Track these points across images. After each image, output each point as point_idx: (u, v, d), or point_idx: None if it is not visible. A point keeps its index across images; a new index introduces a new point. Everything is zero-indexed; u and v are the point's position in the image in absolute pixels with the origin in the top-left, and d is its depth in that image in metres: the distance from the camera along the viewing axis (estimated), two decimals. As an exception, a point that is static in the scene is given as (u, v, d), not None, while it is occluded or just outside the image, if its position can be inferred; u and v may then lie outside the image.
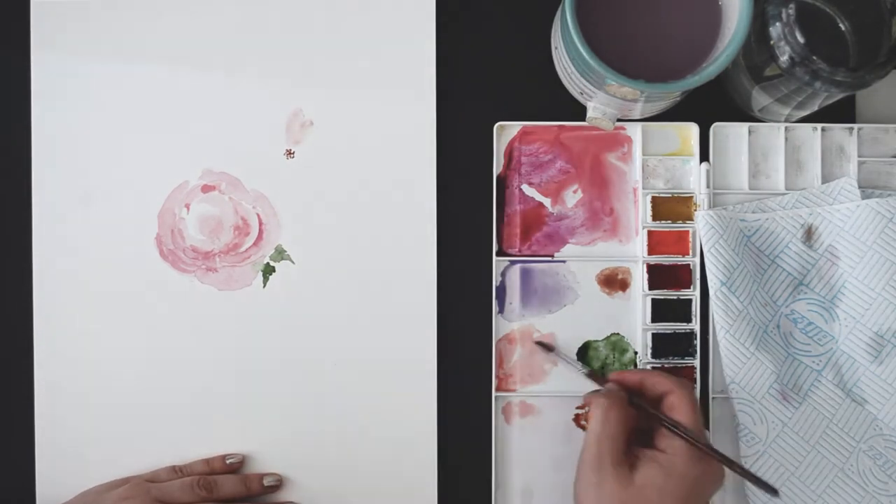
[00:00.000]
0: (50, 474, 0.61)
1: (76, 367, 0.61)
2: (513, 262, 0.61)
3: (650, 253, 0.61)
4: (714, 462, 0.53)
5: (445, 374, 0.61)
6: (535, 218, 0.61)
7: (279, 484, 0.60)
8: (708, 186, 0.60)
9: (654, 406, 0.54)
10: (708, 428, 0.60)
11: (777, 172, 0.61)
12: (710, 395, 0.60)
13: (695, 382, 0.60)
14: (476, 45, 0.62)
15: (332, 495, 0.61)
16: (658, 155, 0.61)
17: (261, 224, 0.62)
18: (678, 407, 0.53)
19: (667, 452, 0.52)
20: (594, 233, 0.61)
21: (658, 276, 0.61)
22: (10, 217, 0.61)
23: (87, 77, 0.61)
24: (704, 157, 0.61)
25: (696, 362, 0.60)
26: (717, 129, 0.61)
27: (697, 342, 0.60)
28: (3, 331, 0.61)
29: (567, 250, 0.61)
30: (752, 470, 0.58)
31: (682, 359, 0.61)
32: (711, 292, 0.59)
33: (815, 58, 0.51)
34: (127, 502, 0.56)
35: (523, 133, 0.61)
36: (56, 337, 0.61)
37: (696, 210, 0.60)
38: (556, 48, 0.58)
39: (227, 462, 0.60)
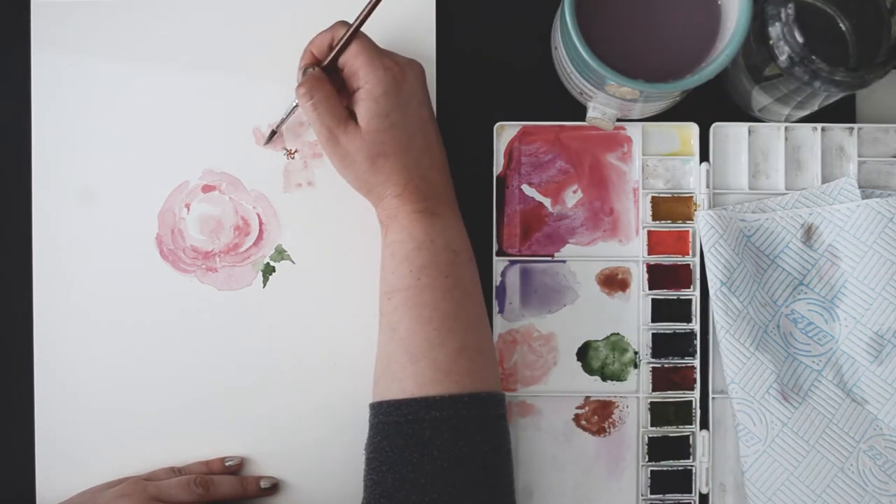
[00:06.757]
0: (50, 474, 0.61)
1: (76, 368, 0.61)
2: (513, 262, 0.61)
3: (650, 253, 0.61)
4: (396, 57, 0.55)
5: (445, 374, 0.61)
6: (535, 218, 0.61)
7: (276, 487, 0.60)
8: (708, 186, 0.60)
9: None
10: (708, 428, 0.60)
11: (777, 172, 0.61)
12: (710, 395, 0.60)
13: (695, 382, 0.60)
14: (476, 44, 0.62)
15: (332, 501, 0.61)
16: (658, 155, 0.61)
17: (261, 224, 0.61)
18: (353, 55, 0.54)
19: (362, 87, 0.54)
20: (594, 233, 0.61)
21: (658, 275, 0.61)
22: (10, 217, 0.61)
23: (87, 77, 0.61)
24: (704, 157, 0.61)
25: (696, 362, 0.60)
26: (717, 129, 0.61)
27: (697, 342, 0.60)
28: (3, 331, 0.61)
29: (567, 250, 0.61)
30: (752, 470, 0.58)
31: (682, 359, 0.60)
32: (711, 292, 0.59)
33: (814, 58, 0.50)
34: (123, 499, 0.56)
35: (523, 133, 0.61)
36: (56, 337, 0.61)
37: (696, 210, 0.60)
38: (556, 48, 0.59)
39: (226, 465, 0.60)
